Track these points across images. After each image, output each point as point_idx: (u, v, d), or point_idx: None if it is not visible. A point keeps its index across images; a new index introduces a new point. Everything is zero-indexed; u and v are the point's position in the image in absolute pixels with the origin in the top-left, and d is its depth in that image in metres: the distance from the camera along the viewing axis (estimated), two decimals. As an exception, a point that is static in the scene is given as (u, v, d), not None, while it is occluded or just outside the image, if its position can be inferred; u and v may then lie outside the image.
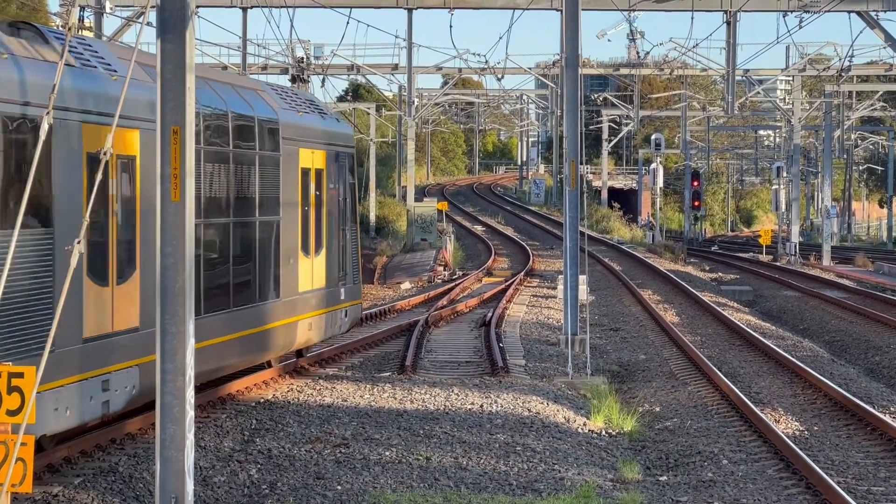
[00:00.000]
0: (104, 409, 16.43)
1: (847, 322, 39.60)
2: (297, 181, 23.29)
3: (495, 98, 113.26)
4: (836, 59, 67.54)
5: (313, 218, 24.17)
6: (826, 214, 72.72)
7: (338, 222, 25.52)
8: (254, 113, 21.44)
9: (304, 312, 23.68)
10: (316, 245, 24.30)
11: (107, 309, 16.60)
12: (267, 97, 22.75)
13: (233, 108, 20.70)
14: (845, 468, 18.54)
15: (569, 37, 28.77)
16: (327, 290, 24.91)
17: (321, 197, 24.58)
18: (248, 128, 21.12)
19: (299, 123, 23.47)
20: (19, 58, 14.89)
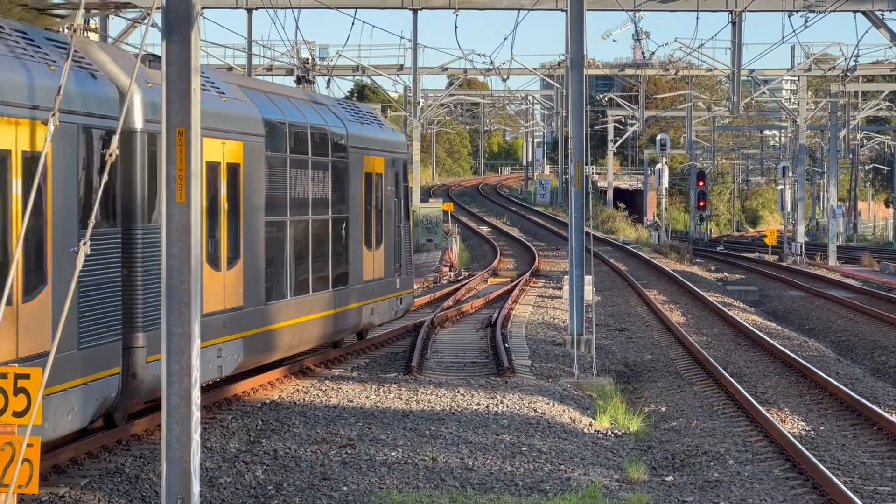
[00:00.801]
0: (218, 372, 19.88)
1: (853, 322, 39.57)
2: (362, 184, 26.74)
3: (500, 99, 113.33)
4: (842, 59, 67.54)
5: (374, 216, 27.56)
6: (832, 214, 72.68)
7: (394, 220, 28.96)
8: (327, 125, 24.93)
9: (368, 299, 27.13)
10: (377, 240, 27.74)
11: (220, 290, 20.13)
12: (337, 111, 26.23)
13: (311, 120, 24.10)
14: (852, 468, 18.53)
15: (574, 37, 28.77)
16: (386, 279, 28.40)
17: (381, 197, 27.98)
18: (322, 137, 24.53)
19: (362, 133, 26.91)
20: (158, 85, 16.88)
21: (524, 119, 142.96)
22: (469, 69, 66.95)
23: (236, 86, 21.88)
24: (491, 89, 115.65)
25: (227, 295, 20.28)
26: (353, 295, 26.20)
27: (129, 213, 17.46)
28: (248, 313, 21.03)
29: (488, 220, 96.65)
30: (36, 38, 15.96)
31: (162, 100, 11.63)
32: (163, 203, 11.75)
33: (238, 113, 20.93)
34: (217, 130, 19.92)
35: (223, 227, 20.24)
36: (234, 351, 20.46)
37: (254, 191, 21.45)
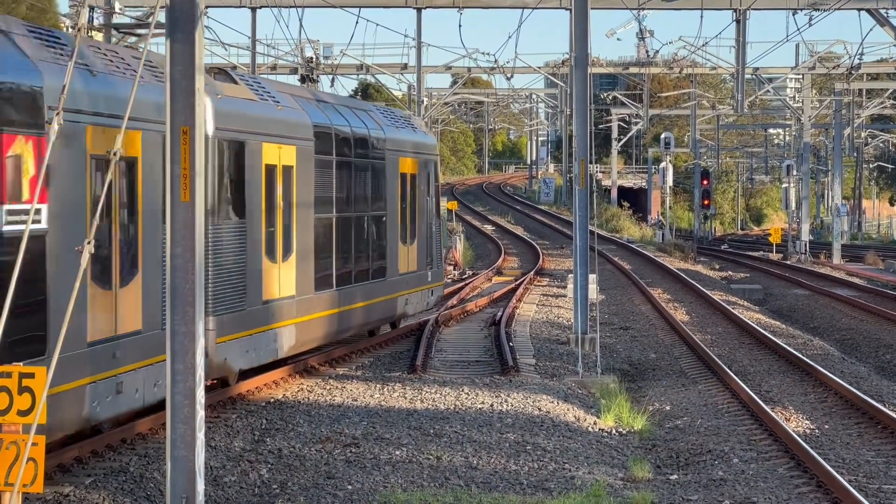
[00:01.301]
0: (274, 354, 22.25)
1: (858, 320, 39.55)
2: (398, 184, 29.00)
3: (505, 97, 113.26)
4: (846, 57, 67.47)
5: (409, 214, 29.77)
6: (836, 212, 72.62)
7: (426, 217, 31.23)
8: (367, 130, 27.11)
9: (403, 290, 29.50)
10: (411, 236, 30.03)
11: (276, 280, 22.21)
12: (375, 115, 28.49)
13: (353, 125, 26.29)
14: (856, 466, 18.52)
15: (578, 36, 28.77)
16: (419, 272, 30.79)
17: (414, 196, 30.22)
18: (363, 141, 26.74)
19: (398, 137, 29.14)
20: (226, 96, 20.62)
21: (528, 117, 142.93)
22: (473, 68, 66.86)
23: (288, 94, 24.16)
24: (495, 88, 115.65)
25: (282, 286, 22.59)
26: (390, 287, 28.62)
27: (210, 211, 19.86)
28: (300, 301, 23.33)
29: (492, 219, 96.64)
30: (125, 56, 17.85)
31: (166, 99, 11.64)
32: (168, 202, 11.75)
33: (291, 120, 23.19)
34: (274, 136, 22.27)
35: (279, 223, 22.49)
36: (289, 335, 22.94)
37: (305, 190, 23.65)
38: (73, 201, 15.59)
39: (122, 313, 16.62)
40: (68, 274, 14.91)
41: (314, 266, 24.05)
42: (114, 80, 16.75)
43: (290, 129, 23.03)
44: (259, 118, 21.77)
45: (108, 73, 16.75)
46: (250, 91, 22.20)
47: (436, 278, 32.30)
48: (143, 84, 17.31)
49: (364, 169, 26.74)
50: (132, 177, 17.22)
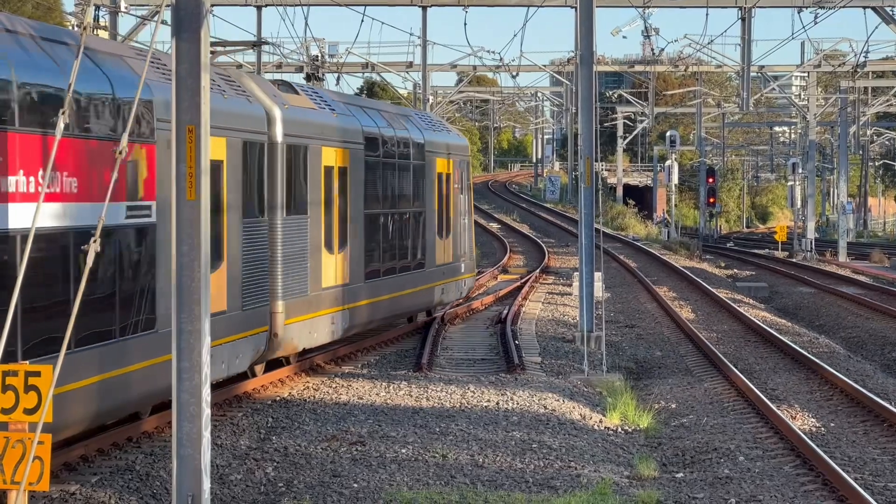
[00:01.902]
0: (331, 336, 24.84)
1: (863, 318, 39.52)
2: (435, 183, 31.60)
3: (510, 95, 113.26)
4: (852, 55, 67.37)
5: (444, 210, 32.29)
6: (842, 210, 72.57)
7: (460, 213, 33.87)
8: (409, 133, 29.79)
9: (439, 280, 32.01)
10: (446, 230, 32.60)
11: (332, 270, 24.76)
12: (415, 120, 31.33)
13: (397, 129, 29.00)
14: (862, 464, 18.51)
15: (583, 34, 28.76)
16: (454, 264, 33.39)
17: (449, 194, 32.77)
18: (405, 144, 29.42)
19: (435, 139, 31.80)
20: (292, 106, 23.33)
21: (534, 116, 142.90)
22: (479, 66, 66.84)
23: (341, 102, 26.88)
24: (500, 86, 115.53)
25: (338, 274, 25.09)
26: (428, 277, 31.11)
27: (273, 207, 22.21)
28: (352, 289, 25.88)
29: (498, 217, 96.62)
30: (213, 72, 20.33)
31: (172, 97, 11.63)
32: (173, 200, 11.75)
33: (345, 126, 25.78)
34: (331, 140, 24.84)
35: (335, 219, 25.00)
36: (343, 319, 25.42)
37: (356, 189, 26.19)
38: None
39: (215, 296, 19.10)
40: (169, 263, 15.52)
41: (364, 257, 26.64)
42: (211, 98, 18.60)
43: (344, 134, 25.65)
44: (318, 125, 24.39)
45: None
46: (310, 101, 24.79)
47: (468, 269, 34.99)
48: (227, 98, 20.43)
49: (406, 169, 29.41)
50: (219, 177, 19.84)
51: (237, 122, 20.56)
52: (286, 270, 22.56)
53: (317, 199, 23.95)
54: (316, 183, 23.92)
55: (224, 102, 20.14)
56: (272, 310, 22.13)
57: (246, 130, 20.86)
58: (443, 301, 32.91)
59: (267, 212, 21.92)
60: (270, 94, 22.82)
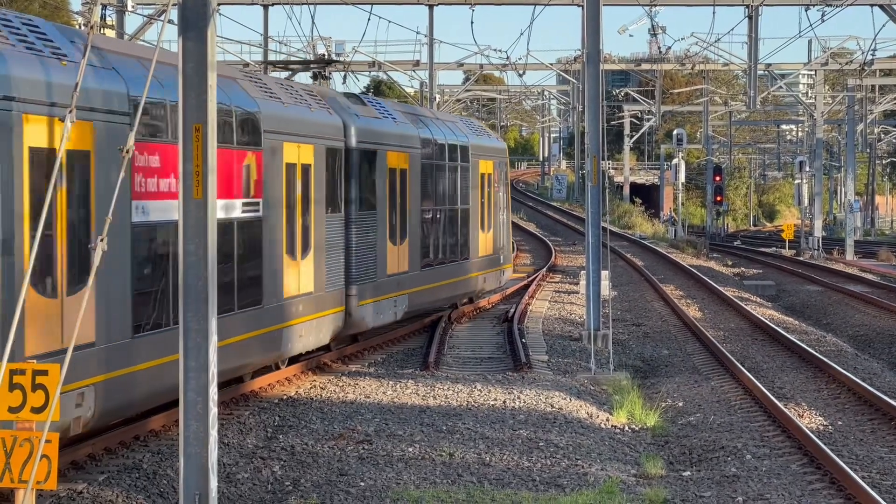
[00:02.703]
0: (394, 316, 28.12)
1: (871, 316, 39.48)
2: (478, 182, 34.88)
3: (517, 94, 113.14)
4: (859, 53, 67.33)
5: (486, 207, 35.69)
6: (849, 209, 72.48)
7: (499, 209, 37.23)
8: (456, 138, 33.16)
9: (482, 270, 35.39)
10: (488, 225, 35.94)
11: (395, 260, 28.10)
12: (460, 126, 34.98)
13: (447, 135, 32.35)
14: (869, 463, 18.49)
15: (590, 32, 28.75)
16: (493, 255, 36.60)
17: (490, 192, 36.11)
18: (453, 148, 32.68)
19: (478, 143, 35.24)
20: (362, 116, 26.57)
21: (540, 114, 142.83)
22: (485, 65, 66.82)
23: (400, 111, 30.20)
24: (507, 85, 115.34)
25: (399, 263, 28.33)
26: (473, 267, 34.48)
27: (348, 203, 25.49)
28: (410, 276, 29.13)
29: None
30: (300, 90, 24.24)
31: (179, 96, 11.64)
32: (181, 199, 11.75)
33: (405, 133, 29.12)
34: (393, 146, 28.02)
35: (397, 214, 28.19)
36: (403, 302, 28.64)
37: (414, 188, 29.46)
38: (276, 197, 21.63)
39: (303, 279, 22.93)
40: (274, 247, 21.54)
41: (420, 249, 29.93)
42: (297, 109, 23.05)
43: (404, 140, 28.91)
44: (383, 132, 27.58)
45: (292, 103, 22.99)
46: (375, 111, 27.91)
47: (506, 261, 38.60)
48: (313, 111, 23.89)
49: (454, 170, 32.74)
50: (307, 179, 23.11)
51: (321, 131, 24.05)
52: (358, 259, 25.84)
53: (382, 197, 27.21)
54: (382, 183, 27.22)
55: (311, 114, 23.67)
56: (347, 292, 25.42)
57: (327, 138, 24.38)
58: (484, 289, 36.34)
59: (343, 207, 25.25)
60: (345, 106, 26.24)
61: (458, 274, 33.04)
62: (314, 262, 23.42)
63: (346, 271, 25.30)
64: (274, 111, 21.60)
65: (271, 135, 21.36)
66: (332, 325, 24.66)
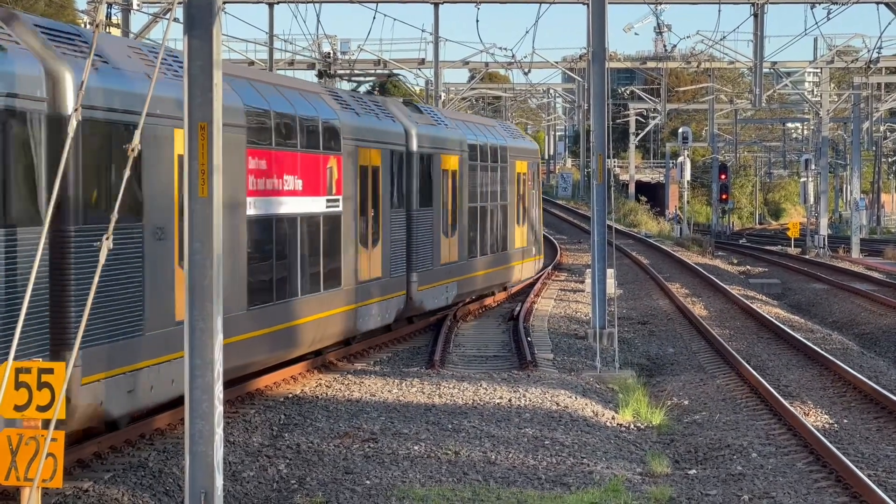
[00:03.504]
0: (446, 301, 31.76)
1: (877, 315, 39.45)
2: (515, 181, 38.29)
3: (522, 92, 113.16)
4: (865, 51, 67.25)
5: (521, 203, 39.15)
6: (855, 207, 72.42)
7: (532, 205, 41.08)
8: (497, 141, 36.69)
9: (518, 260, 39.09)
10: (523, 219, 39.51)
11: (448, 250, 31.72)
12: (499, 129, 38.69)
13: (489, 139, 36.06)
14: (875, 461, 18.47)
15: (595, 30, 28.72)
16: (528, 247, 40.34)
17: (524, 190, 39.58)
18: (495, 150, 36.22)
19: (514, 145, 38.82)
20: (421, 123, 30.08)
21: (546, 113, 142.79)
22: (491, 63, 66.83)
23: (450, 118, 33.71)
24: (512, 83, 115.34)
25: (450, 253, 31.73)
26: (511, 257, 38.04)
27: (409, 200, 28.89)
28: (460, 265, 32.64)
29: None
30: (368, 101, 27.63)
31: (184, 95, 11.64)
32: (186, 197, 11.75)
33: (455, 137, 32.55)
34: (447, 149, 31.51)
35: (450, 210, 31.66)
36: (454, 289, 32.18)
37: (463, 187, 32.98)
38: (352, 194, 24.91)
39: (373, 266, 26.33)
40: (350, 238, 24.85)
41: (467, 241, 33.35)
42: (368, 118, 26.42)
43: (454, 144, 32.34)
44: (438, 137, 31.01)
45: (364, 113, 26.33)
46: (430, 118, 31.41)
47: (538, 252, 42.46)
48: (381, 119, 27.39)
49: (495, 171, 36.26)
50: (377, 179, 26.52)
51: (388, 137, 27.40)
52: (418, 249, 29.31)
53: (437, 195, 30.71)
54: (437, 183, 30.68)
55: (379, 122, 27.13)
56: (408, 279, 28.89)
57: (393, 143, 27.67)
58: (520, 278, 40.03)
59: (405, 204, 28.65)
60: (406, 115, 29.65)
61: (499, 264, 36.70)
62: (382, 251, 26.88)
63: (408, 260, 28.76)
64: (350, 121, 25.02)
65: (348, 141, 24.77)
66: (396, 306, 28.15)
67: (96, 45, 10.89)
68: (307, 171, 22.60)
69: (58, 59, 15.33)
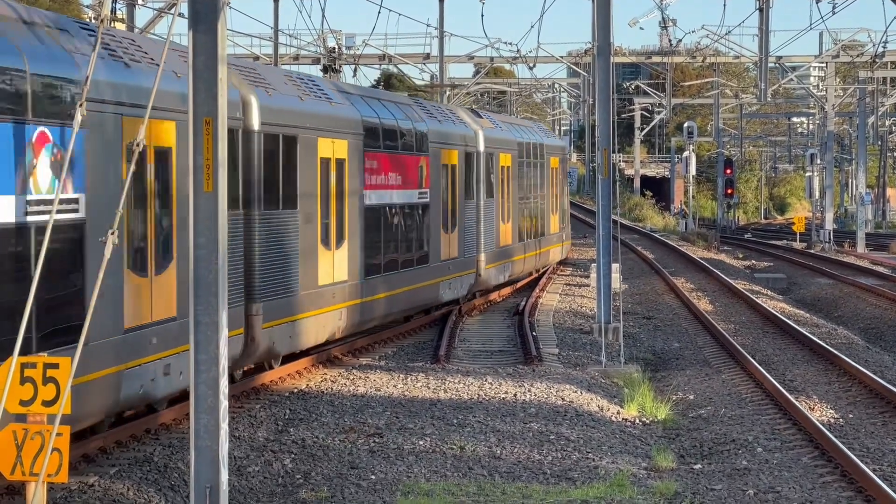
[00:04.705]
0: (505, 278, 37.47)
1: (882, 309, 39.42)
2: (549, 174, 43.93)
3: (527, 87, 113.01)
4: (870, 45, 67.16)
5: (554, 194, 44.79)
6: (860, 201, 72.36)
7: (563, 196, 47.29)
8: (536, 140, 41.99)
9: (553, 244, 45.10)
10: (555, 208, 45.19)
11: (506, 235, 37.05)
12: (537, 129, 45.07)
13: (532, 139, 41.16)
14: (881, 456, 18.46)
15: (601, 25, 28.71)
16: (559, 234, 46.28)
17: (556, 182, 45.26)
18: (535, 147, 41.32)
19: (549, 142, 44.74)
20: (485, 127, 35.25)
21: (551, 107, 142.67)
22: (496, 57, 66.80)
23: (503, 122, 39.34)
24: (517, 77, 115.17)
25: (506, 238, 37.04)
26: (546, 242, 43.36)
27: (478, 192, 33.93)
28: (513, 248, 37.97)
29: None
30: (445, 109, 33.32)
31: (189, 89, 11.64)
32: (190, 192, 11.74)
33: (509, 138, 37.91)
34: (503, 149, 36.67)
35: (506, 200, 36.88)
36: (509, 269, 37.66)
37: (515, 181, 38.14)
38: (436, 188, 30.19)
39: (451, 247, 31.43)
40: (435, 223, 30.14)
41: (518, 226, 38.55)
42: (448, 124, 31.85)
43: (508, 144, 37.48)
44: (498, 139, 36.27)
45: (445, 120, 31.72)
46: (490, 122, 36.61)
47: (567, 238, 49.48)
48: (456, 124, 32.59)
49: (536, 166, 41.45)
50: (455, 175, 31.83)
51: (462, 140, 32.72)
52: (485, 234, 34.27)
53: (497, 188, 35.79)
54: (497, 177, 35.77)
55: (455, 127, 32.52)
56: (477, 259, 33.89)
57: (466, 145, 32.99)
58: (556, 260, 46.64)
59: (475, 196, 33.70)
60: (474, 120, 34.81)
61: (540, 247, 42.28)
62: (458, 235, 32.04)
63: (477, 243, 33.86)
64: (435, 127, 30.46)
65: (434, 144, 30.07)
66: (468, 282, 33.23)
67: (275, 77, 18.44)
68: (405, 169, 28.12)
69: (246, 88, 20.27)
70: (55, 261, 14.15)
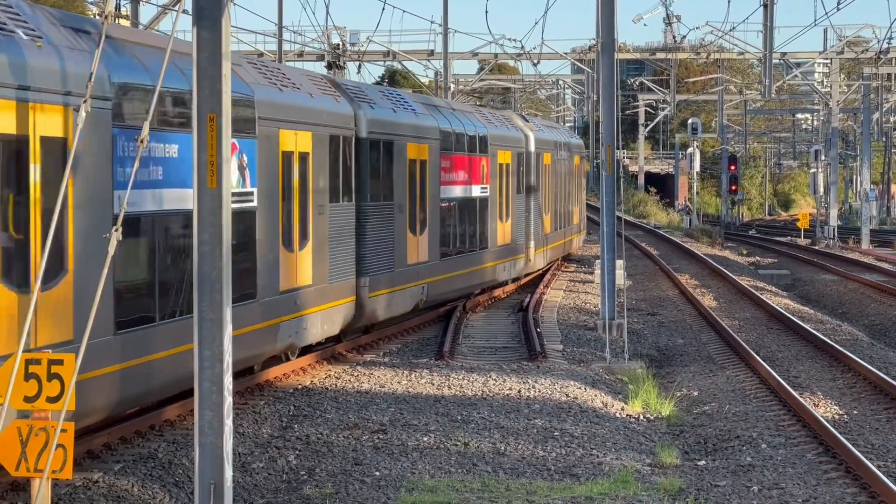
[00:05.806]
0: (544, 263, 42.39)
1: (886, 305, 39.39)
2: (574, 172, 49.12)
3: (531, 83, 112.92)
4: (875, 42, 67.06)
5: (575, 188, 49.82)
6: (865, 198, 72.29)
7: (581, 190, 52.70)
8: (564, 139, 47.31)
9: (575, 234, 50.66)
10: (576, 202, 50.07)
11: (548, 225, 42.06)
12: (564, 130, 52.00)
13: (564, 139, 46.68)
14: (885, 452, 18.46)
15: (605, 21, 28.70)
16: (579, 224, 51.48)
17: (575, 179, 49.68)
18: (564, 145, 46.52)
19: (572, 142, 49.93)
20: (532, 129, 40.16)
21: (555, 104, 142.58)
22: (500, 54, 66.71)
23: (542, 125, 44.90)
24: (522, 74, 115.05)
25: (547, 226, 41.73)
26: (570, 232, 48.53)
27: (528, 187, 38.77)
28: (552, 235, 43.07)
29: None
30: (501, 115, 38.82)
31: (193, 86, 11.63)
32: (195, 189, 11.73)
33: (549, 139, 42.93)
34: (546, 149, 41.42)
35: (547, 195, 41.69)
36: (548, 255, 42.57)
37: (552, 177, 42.88)
38: (494, 184, 34.48)
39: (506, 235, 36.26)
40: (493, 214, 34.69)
41: (554, 217, 43.36)
42: (503, 128, 36.43)
43: (548, 144, 42.20)
44: (542, 140, 41.10)
45: (500, 125, 36.86)
46: (534, 125, 41.57)
47: (583, 229, 54.63)
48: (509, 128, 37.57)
49: (565, 162, 46.33)
50: (509, 173, 36.00)
51: (514, 142, 37.35)
52: (534, 224, 39.13)
53: (542, 184, 40.67)
54: (541, 175, 40.51)
55: (509, 131, 37.23)
56: (527, 245, 38.53)
57: (517, 146, 37.60)
58: (573, 250, 51.32)
59: (524, 190, 38.29)
60: (524, 123, 39.95)
61: (567, 236, 47.73)
62: (511, 224, 36.57)
63: (526, 231, 38.43)
64: (493, 131, 35.00)
65: (492, 146, 34.61)
66: (520, 266, 38.08)
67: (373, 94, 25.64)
68: (471, 168, 32.80)
69: (354, 103, 25.10)
70: (238, 237, 18.66)
